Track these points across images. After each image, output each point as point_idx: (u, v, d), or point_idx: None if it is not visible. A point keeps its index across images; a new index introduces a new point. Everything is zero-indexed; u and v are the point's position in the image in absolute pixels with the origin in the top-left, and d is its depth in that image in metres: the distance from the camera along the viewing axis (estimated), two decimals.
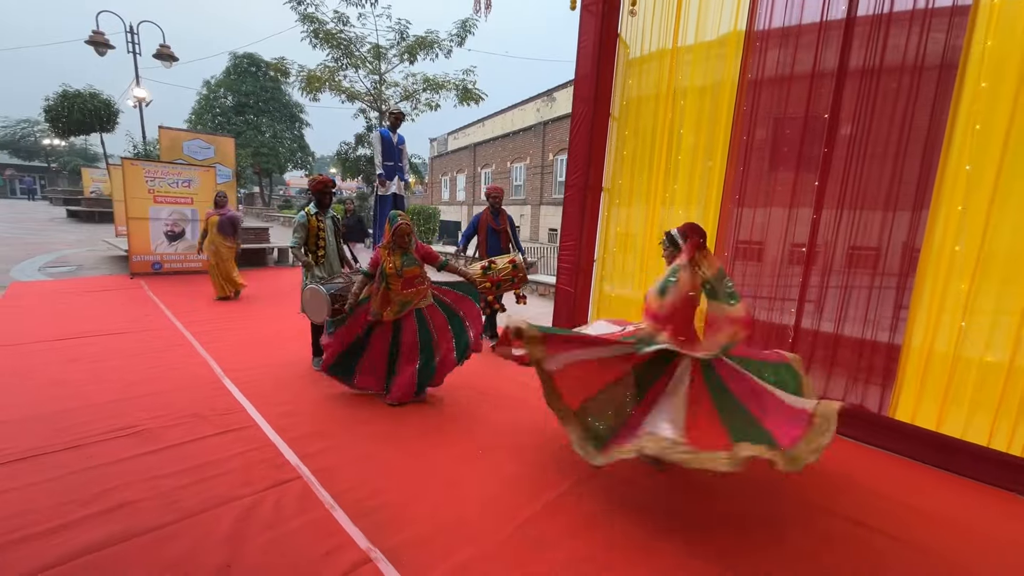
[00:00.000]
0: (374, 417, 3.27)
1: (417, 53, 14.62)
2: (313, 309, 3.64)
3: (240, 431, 2.96)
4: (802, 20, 3.45)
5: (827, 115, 3.36)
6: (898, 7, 3.06)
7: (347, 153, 19.90)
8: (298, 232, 3.85)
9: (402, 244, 3.38)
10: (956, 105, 2.87)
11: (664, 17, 4.27)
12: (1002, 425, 2.77)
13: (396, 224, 3.34)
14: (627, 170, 4.74)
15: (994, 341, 2.80)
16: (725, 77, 3.88)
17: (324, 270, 3.95)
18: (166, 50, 13.36)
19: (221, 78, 26.75)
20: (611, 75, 4.74)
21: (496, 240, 4.88)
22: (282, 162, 27.99)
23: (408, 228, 3.39)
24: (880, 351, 3.23)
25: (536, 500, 2.38)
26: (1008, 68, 2.69)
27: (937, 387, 3.00)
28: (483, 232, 4.88)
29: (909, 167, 3.07)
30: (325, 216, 3.97)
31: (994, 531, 2.36)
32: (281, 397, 3.51)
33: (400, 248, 3.38)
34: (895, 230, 3.14)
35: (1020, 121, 2.67)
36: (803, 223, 3.53)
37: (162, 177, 7.89)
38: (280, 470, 2.56)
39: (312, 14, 13.77)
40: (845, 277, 3.37)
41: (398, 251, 3.38)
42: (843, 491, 2.59)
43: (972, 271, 2.84)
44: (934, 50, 2.94)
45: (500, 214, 4.90)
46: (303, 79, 14.21)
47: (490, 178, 27.06)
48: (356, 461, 2.70)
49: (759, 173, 3.77)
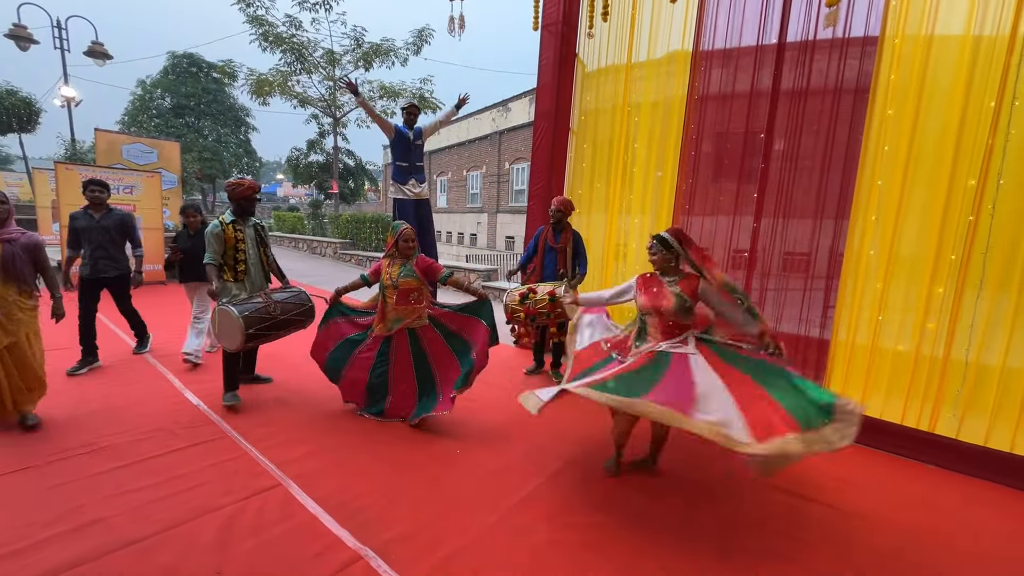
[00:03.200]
0: (349, 424, 3.30)
1: (373, 60, 14.54)
2: (225, 334, 3.22)
3: (211, 443, 2.91)
4: (741, 43, 3.81)
5: (763, 134, 3.76)
6: (821, 35, 3.48)
7: (298, 159, 19.35)
8: (212, 245, 3.28)
9: (404, 252, 3.25)
10: (869, 127, 3.31)
11: (619, 36, 4.59)
12: (912, 405, 3.21)
13: (399, 229, 3.26)
14: (586, 181, 5.02)
15: (904, 333, 3.24)
16: (675, 93, 4.23)
17: (246, 288, 3.40)
18: (99, 47, 12.54)
19: (158, 78, 25.24)
20: (570, 90, 5.02)
21: (552, 260, 4.23)
22: (226, 167, 26.68)
23: (411, 233, 3.27)
24: (813, 346, 3.62)
25: (516, 492, 2.53)
26: (908, 97, 3.15)
27: (860, 375, 3.42)
28: (540, 250, 4.31)
29: (832, 180, 3.49)
30: (245, 225, 3.43)
31: (904, 491, 2.75)
32: (249, 407, 3.47)
33: (402, 256, 3.27)
34: (822, 237, 3.55)
35: (919, 143, 3.13)
36: (745, 231, 3.91)
37: None
38: (259, 478, 2.56)
39: (262, 16, 13.41)
40: (782, 280, 3.76)
41: (399, 260, 3.27)
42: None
43: (884, 272, 3.28)
44: (850, 76, 3.38)
45: (564, 231, 4.21)
46: (252, 83, 13.75)
47: (446, 186, 27.00)
48: (335, 466, 2.73)
49: (706, 184, 4.14)
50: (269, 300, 3.33)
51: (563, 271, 4.09)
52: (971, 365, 3.00)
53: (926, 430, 3.14)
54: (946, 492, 2.80)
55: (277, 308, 3.33)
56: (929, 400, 3.15)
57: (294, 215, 18.23)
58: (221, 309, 3.17)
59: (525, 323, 3.95)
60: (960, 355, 3.03)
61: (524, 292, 3.92)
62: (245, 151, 28.13)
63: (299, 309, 3.49)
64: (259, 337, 3.26)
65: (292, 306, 3.44)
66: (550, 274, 4.18)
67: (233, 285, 3.35)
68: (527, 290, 3.94)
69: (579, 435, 3.23)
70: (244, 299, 3.28)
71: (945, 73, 3.05)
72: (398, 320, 3.27)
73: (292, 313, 3.43)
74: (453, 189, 26.31)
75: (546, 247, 4.22)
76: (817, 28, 3.45)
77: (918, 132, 3.13)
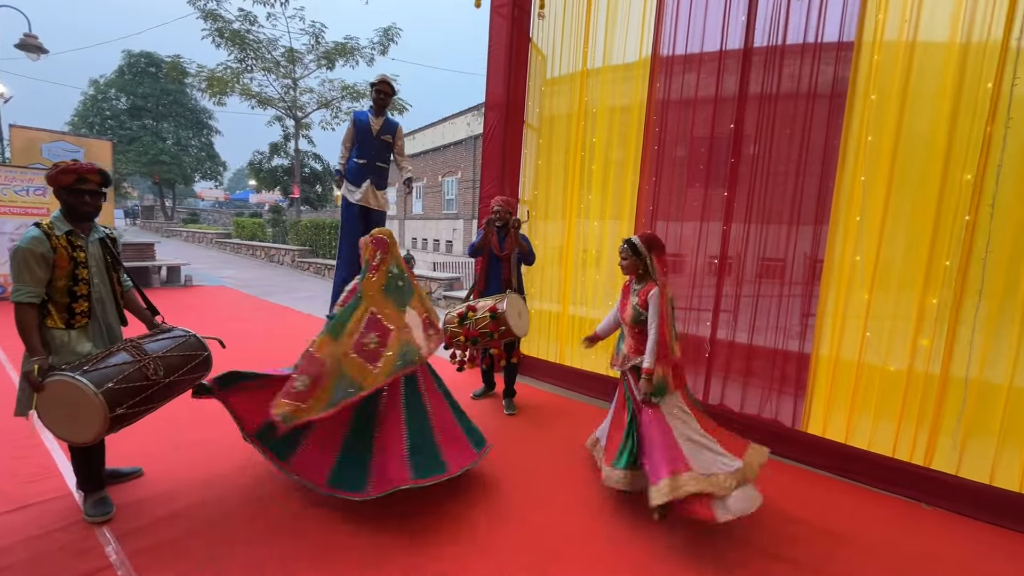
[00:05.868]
0: (244, 468, 2.66)
1: (336, 59, 13.91)
2: (65, 422, 1.95)
3: (42, 505, 2.26)
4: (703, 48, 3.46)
5: (732, 136, 3.34)
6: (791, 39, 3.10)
7: (261, 163, 18.49)
8: (29, 270, 1.95)
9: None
10: (849, 115, 2.90)
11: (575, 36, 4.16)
12: (905, 433, 2.78)
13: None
14: (542, 181, 4.54)
15: (894, 350, 2.81)
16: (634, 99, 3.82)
17: (89, 338, 2.14)
18: (32, 39, 11.56)
19: (113, 77, 24.01)
20: (524, 81, 4.55)
21: (497, 270, 3.57)
22: (187, 172, 25.51)
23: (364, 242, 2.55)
24: (792, 360, 3.19)
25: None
26: (894, 78, 2.75)
27: (844, 396, 2.98)
28: (485, 258, 3.62)
29: (810, 176, 3.08)
30: (87, 237, 2.16)
31: (904, 547, 2.28)
32: (129, 450, 2.70)
33: None
34: (799, 240, 3.13)
35: (907, 132, 2.73)
36: (715, 235, 3.48)
37: (7, 184, 6.63)
38: (83, 558, 1.93)
39: (215, 11, 12.66)
40: (756, 287, 3.32)
41: None
42: (761, 520, 2.42)
43: (871, 280, 2.86)
44: (825, 70, 2.98)
45: (509, 236, 3.51)
46: (203, 80, 12.95)
47: (422, 192, 26.39)
48: (193, 535, 2.11)
49: (673, 187, 3.69)
50: (142, 356, 2.12)
51: (507, 280, 3.54)
52: (972, 384, 2.59)
53: (921, 464, 2.71)
54: (949, 540, 2.37)
55: (157, 367, 2.14)
56: (924, 427, 2.72)
57: (253, 221, 17.32)
58: (59, 380, 1.91)
59: (466, 346, 3.40)
60: (959, 374, 2.62)
61: (463, 311, 3.38)
62: (208, 155, 26.99)
63: (189, 364, 2.30)
64: (130, 417, 2.08)
65: (178, 360, 2.26)
66: (495, 285, 3.60)
67: (65, 336, 2.06)
68: (466, 309, 3.40)
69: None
70: (95, 358, 2.04)
71: (936, 50, 2.66)
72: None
73: (180, 372, 2.25)
74: (428, 195, 25.73)
75: (491, 256, 3.58)
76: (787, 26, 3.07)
77: (906, 119, 2.73)
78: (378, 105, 3.88)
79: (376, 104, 3.88)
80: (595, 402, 4.04)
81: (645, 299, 2.38)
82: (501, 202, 3.56)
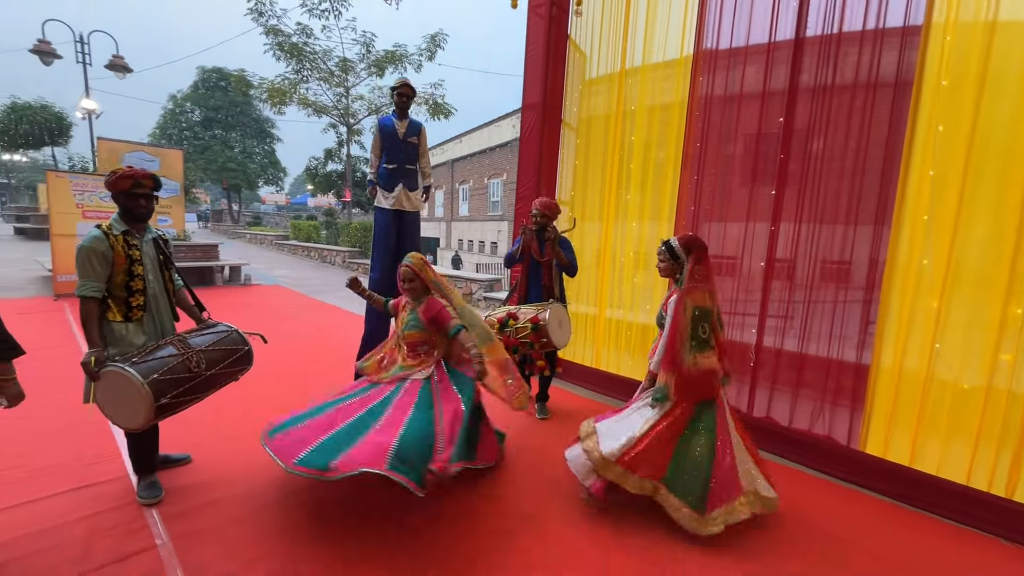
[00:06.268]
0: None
1: (386, 67, 14.40)
2: (117, 407, 2.12)
3: (101, 486, 2.45)
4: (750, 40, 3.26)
5: (781, 129, 3.12)
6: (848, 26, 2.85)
7: (316, 168, 19.46)
8: (91, 266, 2.14)
9: (411, 293, 2.65)
10: (916, 102, 2.63)
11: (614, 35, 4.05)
12: (982, 460, 2.47)
13: (399, 269, 2.65)
14: (579, 183, 4.45)
15: (969, 365, 2.51)
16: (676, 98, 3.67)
17: (145, 331, 2.31)
18: (119, 60, 12.79)
19: (188, 92, 26.11)
20: (562, 79, 4.48)
21: (538, 276, 3.50)
22: (251, 178, 27.29)
23: (408, 272, 2.60)
24: (848, 372, 2.93)
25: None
26: (971, 58, 2.46)
27: (909, 413, 2.70)
28: (526, 262, 3.55)
29: (871, 171, 2.82)
30: (142, 238, 2.35)
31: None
32: (182, 438, 2.89)
33: (412, 300, 2.67)
34: (857, 243, 2.87)
35: (985, 119, 2.43)
36: (761, 237, 3.26)
37: (92, 191, 7.30)
38: (132, 538, 2.07)
39: (276, 26, 13.46)
40: (808, 292, 3.08)
41: (408, 305, 2.70)
42: (819, 546, 2.23)
43: (941, 286, 2.57)
44: (888, 58, 2.72)
45: (549, 241, 3.42)
46: (265, 91, 13.80)
47: (468, 194, 26.79)
48: (236, 522, 2.22)
49: (713, 188, 3.50)
50: (186, 350, 2.28)
51: (548, 287, 3.47)
52: None
53: (1003, 496, 2.40)
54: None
55: (199, 360, 2.29)
56: (1006, 453, 2.41)
57: (310, 223, 18.24)
58: (111, 371, 2.08)
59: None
60: None
61: (503, 318, 3.36)
62: (270, 161, 28.75)
63: (230, 358, 2.46)
64: (174, 407, 2.21)
65: (220, 354, 2.41)
66: (536, 293, 3.53)
67: (124, 329, 2.25)
68: (507, 315, 3.37)
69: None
70: (145, 351, 2.20)
71: (1019, 30, 2.36)
72: (402, 368, 2.59)
73: (221, 365, 2.39)
74: (475, 197, 26.08)
75: (531, 261, 3.51)
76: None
77: (983, 106, 2.44)
78: (400, 108, 3.88)
79: (398, 107, 3.88)
80: None
81: (667, 304, 2.37)
82: (539, 205, 3.47)
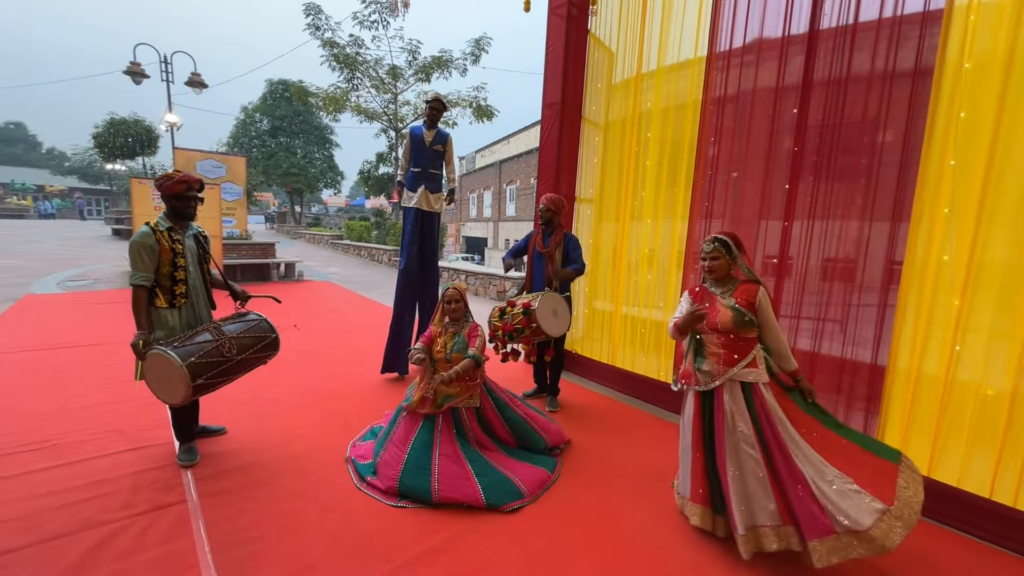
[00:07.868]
0: (312, 443, 3.07)
1: (432, 72, 14.92)
2: (160, 384, 2.43)
3: (150, 448, 2.83)
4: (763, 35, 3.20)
5: (794, 122, 3.02)
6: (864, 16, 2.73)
7: (369, 172, 20.45)
8: (141, 260, 2.45)
9: (453, 316, 2.79)
10: (936, 91, 2.48)
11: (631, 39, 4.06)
12: (1008, 471, 2.29)
13: (444, 292, 2.81)
14: (597, 181, 4.48)
15: (994, 369, 2.34)
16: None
17: (183, 318, 2.64)
18: (197, 78, 14.13)
19: (257, 103, 28.25)
20: (582, 78, 4.53)
21: (540, 267, 3.67)
22: (312, 182, 29.09)
23: (455, 294, 2.79)
24: (862, 374, 2.79)
25: (417, 544, 2.11)
26: (999, 33, 2.30)
27: (927, 419, 2.54)
28: (530, 255, 3.76)
29: (886, 171, 2.68)
30: (184, 234, 2.66)
31: None
32: (219, 412, 3.31)
33: (453, 323, 2.82)
34: (872, 239, 2.73)
35: (1012, 102, 2.26)
36: (773, 233, 3.17)
37: None
38: (168, 493, 2.40)
39: (331, 39, 14.33)
40: (820, 290, 2.96)
41: (451, 328, 2.82)
42: None
43: (963, 284, 2.40)
44: (906, 44, 2.58)
45: (554, 233, 3.63)
46: (320, 100, 14.73)
47: (515, 195, 27.06)
48: (253, 486, 2.50)
49: (727, 185, 3.44)
50: (220, 336, 2.58)
51: (549, 278, 3.57)
52: None
53: None
54: None
55: (231, 346, 2.60)
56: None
57: (361, 224, 19.23)
58: (155, 353, 2.38)
59: (504, 340, 3.47)
60: None
61: (503, 306, 3.51)
62: (329, 166, 30.50)
63: (259, 344, 2.76)
64: (208, 387, 2.54)
65: (250, 340, 2.71)
66: (540, 284, 3.66)
67: (169, 315, 2.57)
68: (507, 303, 3.52)
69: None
70: (185, 336, 2.51)
71: None
72: (449, 398, 2.70)
73: (251, 351, 2.70)
74: (521, 198, 26.32)
75: (535, 253, 3.69)
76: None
77: (1011, 89, 2.26)
78: (431, 119, 4.23)
79: (429, 119, 4.23)
80: (643, 406, 3.91)
81: (752, 300, 2.13)
82: (546, 200, 3.65)
